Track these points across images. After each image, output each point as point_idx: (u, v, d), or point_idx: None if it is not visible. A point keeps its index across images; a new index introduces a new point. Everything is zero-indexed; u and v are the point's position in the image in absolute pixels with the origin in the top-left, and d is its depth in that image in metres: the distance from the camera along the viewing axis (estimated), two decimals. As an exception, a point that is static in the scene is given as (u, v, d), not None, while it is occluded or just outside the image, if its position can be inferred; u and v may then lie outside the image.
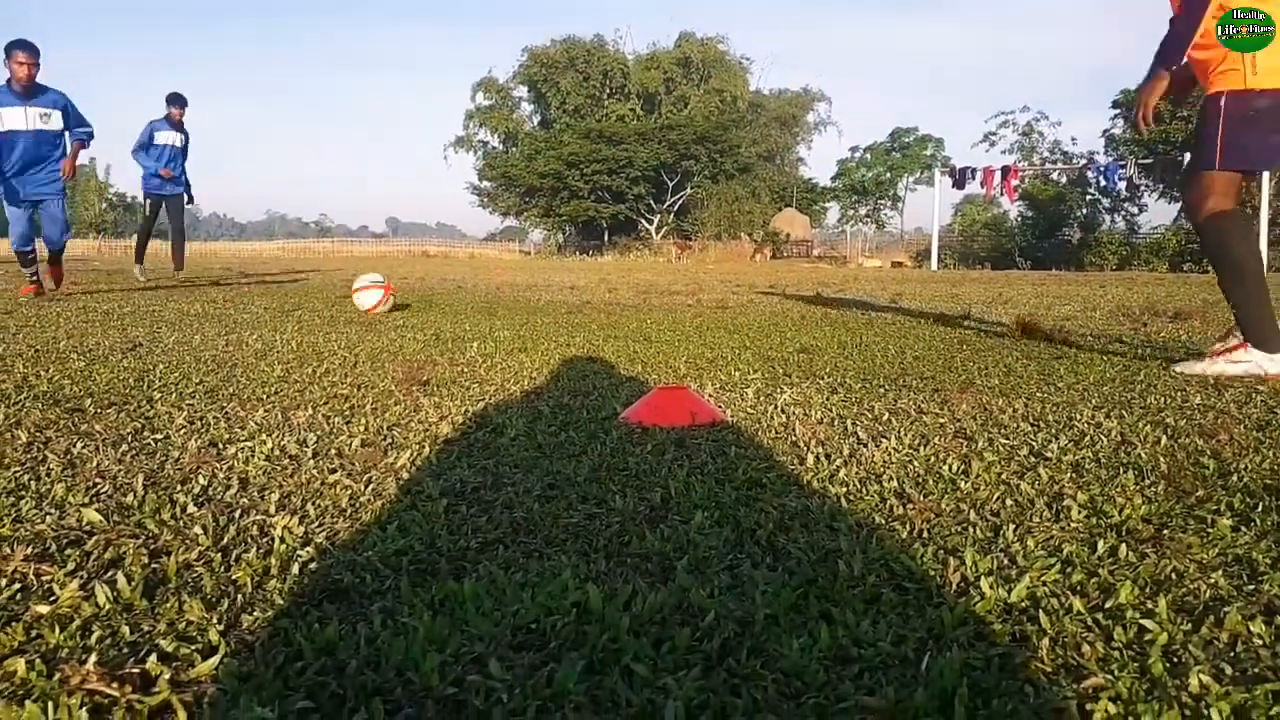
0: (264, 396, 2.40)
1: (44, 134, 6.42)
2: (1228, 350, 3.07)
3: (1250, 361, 3.02)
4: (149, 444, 1.83)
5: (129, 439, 1.86)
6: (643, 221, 45.03)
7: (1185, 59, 3.19)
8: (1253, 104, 3.08)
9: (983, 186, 26.30)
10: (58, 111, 6.48)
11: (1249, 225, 3.60)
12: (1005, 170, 26.13)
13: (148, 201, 9.02)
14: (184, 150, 8.95)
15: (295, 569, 1.14)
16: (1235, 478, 1.61)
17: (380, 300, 5.61)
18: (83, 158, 7.08)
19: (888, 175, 51.64)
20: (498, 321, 4.86)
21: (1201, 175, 3.21)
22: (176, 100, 8.79)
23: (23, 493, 1.45)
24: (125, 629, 0.96)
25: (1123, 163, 26.57)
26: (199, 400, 2.32)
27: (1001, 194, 27.27)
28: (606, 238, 45.14)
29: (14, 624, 0.97)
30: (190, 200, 9.20)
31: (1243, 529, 1.32)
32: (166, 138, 8.78)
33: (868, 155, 52.24)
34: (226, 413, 2.16)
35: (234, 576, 1.12)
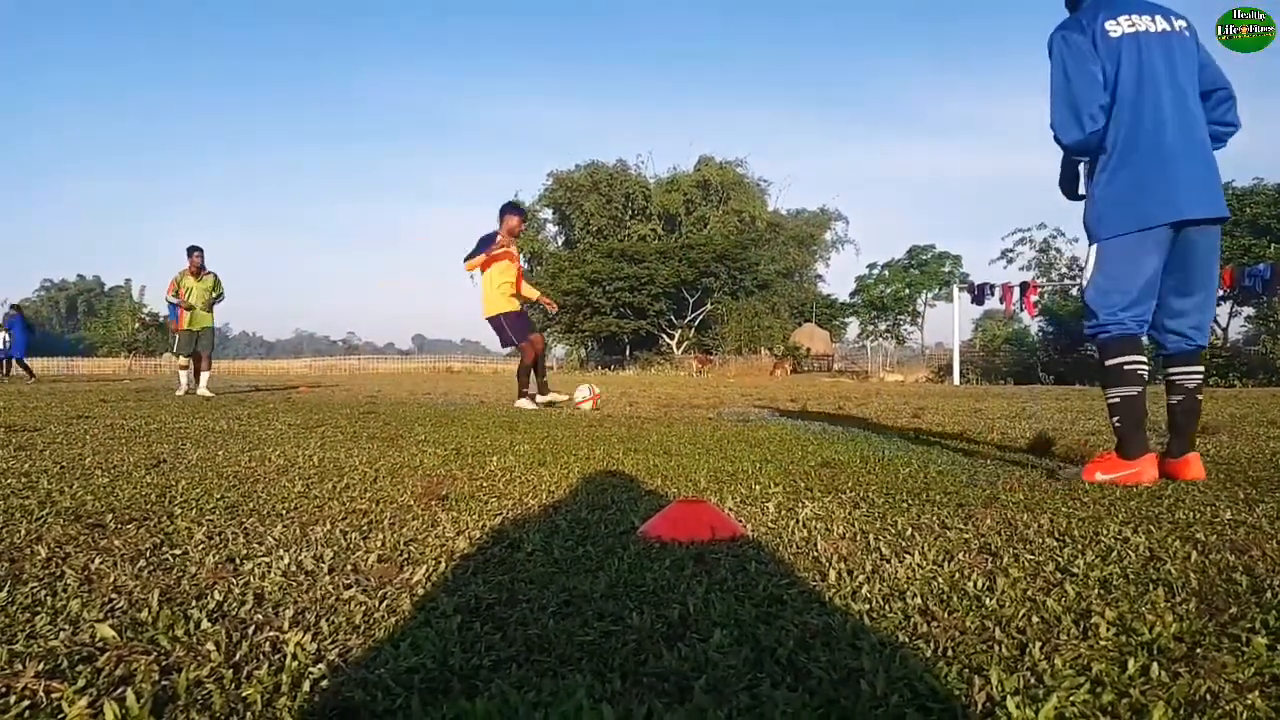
0: (283, 512, 2.41)
1: None
2: None
3: None
4: (167, 559, 1.83)
5: (147, 554, 1.86)
6: (664, 336, 45.55)
7: None
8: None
9: (1002, 302, 26.49)
10: None
11: None
12: (1024, 286, 26.35)
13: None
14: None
15: (306, 686, 1.13)
16: (1269, 595, 1.56)
17: (589, 398, 8.02)
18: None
19: (906, 291, 52.14)
20: (518, 435, 4.87)
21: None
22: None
23: (39, 608, 1.45)
24: (131, 748, 0.95)
25: (1140, 278, 26.62)
26: (219, 516, 2.33)
27: (1021, 309, 27.43)
28: (628, 352, 45.61)
29: (20, 742, 0.96)
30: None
31: (1279, 647, 1.27)
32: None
33: (885, 272, 52.92)
34: (245, 528, 2.17)
35: (244, 694, 1.10)
